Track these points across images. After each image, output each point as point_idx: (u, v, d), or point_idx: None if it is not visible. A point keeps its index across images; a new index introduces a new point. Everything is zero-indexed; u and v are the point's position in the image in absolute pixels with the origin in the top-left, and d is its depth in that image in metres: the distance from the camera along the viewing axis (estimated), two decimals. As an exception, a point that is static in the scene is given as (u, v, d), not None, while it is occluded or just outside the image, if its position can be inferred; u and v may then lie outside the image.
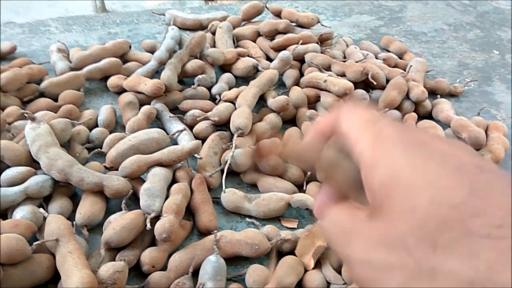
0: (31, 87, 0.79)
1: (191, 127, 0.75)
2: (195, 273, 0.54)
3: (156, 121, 0.78)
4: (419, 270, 0.18)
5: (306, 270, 0.57)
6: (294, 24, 1.01)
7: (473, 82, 1.03)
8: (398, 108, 0.84)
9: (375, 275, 0.20)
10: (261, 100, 0.82)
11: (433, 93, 0.93)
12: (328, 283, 0.56)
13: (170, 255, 0.57)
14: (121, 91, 0.82)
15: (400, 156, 0.21)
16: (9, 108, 0.72)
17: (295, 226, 0.64)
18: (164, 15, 1.11)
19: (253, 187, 0.70)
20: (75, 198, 0.63)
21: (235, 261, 0.59)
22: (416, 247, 0.19)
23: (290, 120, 0.81)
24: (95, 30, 1.07)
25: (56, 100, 0.78)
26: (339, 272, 0.56)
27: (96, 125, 0.75)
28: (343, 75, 0.86)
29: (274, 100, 0.78)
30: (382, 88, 0.86)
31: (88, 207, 0.59)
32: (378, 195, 0.21)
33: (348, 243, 0.22)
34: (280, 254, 0.58)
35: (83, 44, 1.00)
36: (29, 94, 0.78)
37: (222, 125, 0.77)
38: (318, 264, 0.58)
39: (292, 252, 0.58)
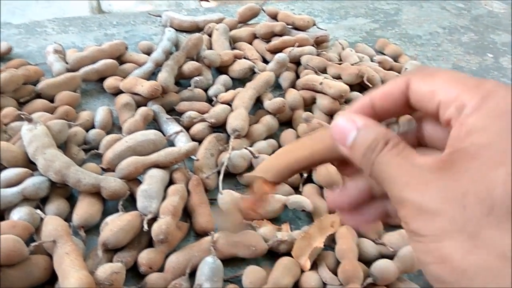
0: (27, 88, 0.79)
1: (187, 128, 0.76)
2: (192, 274, 0.55)
3: (153, 122, 0.79)
4: (463, 226, 0.20)
5: (302, 271, 0.57)
6: (290, 26, 1.02)
7: (467, 85, 1.04)
8: (393, 110, 0.84)
9: (422, 217, 0.22)
10: (258, 102, 0.83)
11: (427, 95, 0.94)
12: (324, 284, 0.56)
13: (167, 256, 0.57)
14: (117, 92, 0.82)
15: (504, 126, 0.22)
16: (5, 109, 0.71)
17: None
18: (160, 16, 1.11)
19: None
20: (72, 200, 0.63)
21: (232, 262, 0.59)
22: (472, 207, 0.20)
23: (286, 122, 0.82)
24: (91, 31, 1.07)
25: (52, 101, 0.77)
26: (335, 273, 0.56)
27: (93, 127, 0.75)
28: (338, 77, 0.87)
29: (271, 102, 0.79)
30: (378, 90, 0.86)
31: (85, 209, 0.59)
32: (462, 153, 0.22)
33: (407, 185, 0.24)
34: (277, 255, 0.59)
35: (80, 45, 1.00)
36: (25, 95, 0.77)
37: (219, 127, 0.77)
38: (314, 265, 0.58)
39: (288, 253, 0.58)
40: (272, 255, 0.59)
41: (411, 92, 0.27)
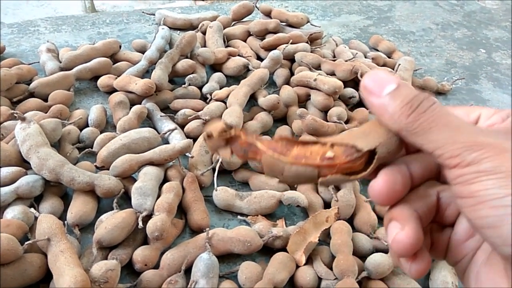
0: (20, 87, 0.78)
1: (182, 126, 0.76)
2: (188, 271, 0.55)
3: (147, 120, 0.78)
4: None
5: (297, 266, 0.57)
6: (284, 23, 1.02)
7: (461, 80, 1.05)
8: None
9: (504, 154, 0.22)
10: (252, 99, 0.83)
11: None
12: (320, 279, 0.57)
13: (162, 253, 0.57)
14: (111, 90, 0.82)
15: None
16: (-2, 109, 0.71)
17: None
18: (154, 15, 1.11)
19: (245, 185, 0.70)
20: (66, 198, 0.63)
21: (228, 258, 0.59)
22: None
23: (280, 119, 0.82)
24: (84, 30, 1.07)
25: (46, 100, 0.77)
26: (331, 268, 0.57)
27: (87, 125, 0.75)
28: (332, 74, 0.87)
29: (265, 99, 0.79)
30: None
31: (79, 207, 0.59)
32: None
33: (479, 133, 0.23)
34: (272, 250, 0.59)
35: (73, 44, 1.00)
36: (18, 95, 0.77)
37: (213, 124, 0.77)
38: (309, 260, 0.58)
39: (284, 249, 0.59)
40: (267, 250, 0.60)
41: None
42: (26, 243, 0.51)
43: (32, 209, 0.57)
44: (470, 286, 0.27)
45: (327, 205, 0.66)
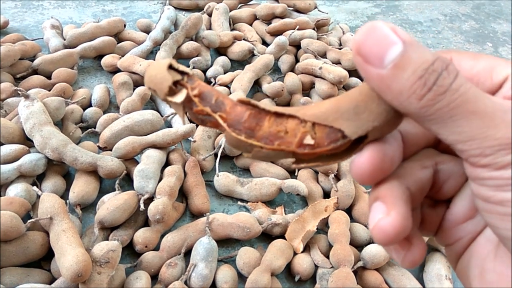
0: (24, 63, 0.78)
1: (185, 109, 0.75)
2: (187, 254, 0.56)
3: (150, 102, 0.78)
4: None
5: (295, 254, 0.58)
6: (291, 8, 1.01)
7: (466, 73, 1.04)
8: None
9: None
10: (256, 85, 0.83)
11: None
12: (316, 267, 0.58)
13: (162, 236, 0.58)
14: (115, 70, 0.82)
15: None
16: (2, 85, 0.71)
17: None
18: (160, -6, 1.09)
19: (246, 171, 0.70)
20: (68, 177, 0.64)
21: (226, 243, 0.60)
22: None
23: (284, 106, 0.81)
24: (89, 6, 1.05)
25: (49, 77, 0.77)
26: (327, 256, 0.58)
27: (90, 105, 0.75)
28: (338, 62, 0.87)
29: (269, 85, 0.78)
30: (376, 77, 0.86)
31: (81, 187, 0.59)
32: None
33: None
34: (271, 237, 0.60)
35: (77, 21, 0.99)
36: (22, 71, 0.77)
37: (217, 109, 0.77)
38: (307, 248, 0.59)
39: (282, 236, 0.59)
40: (266, 237, 0.60)
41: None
42: (28, 221, 0.51)
43: (34, 187, 0.57)
44: (469, 282, 0.23)
45: (326, 194, 0.67)
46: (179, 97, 0.21)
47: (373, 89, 0.20)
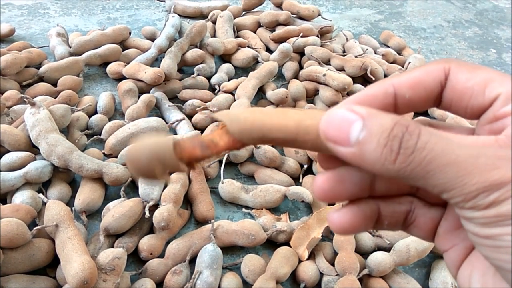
0: (30, 71, 0.79)
1: (190, 116, 0.76)
2: (192, 261, 0.56)
3: (155, 109, 0.79)
4: None
5: (300, 261, 0.58)
6: (295, 16, 1.01)
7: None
8: (395, 104, 0.85)
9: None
10: (260, 92, 0.83)
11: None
12: (321, 274, 0.57)
13: (167, 243, 0.58)
14: (120, 78, 0.82)
15: None
16: (8, 92, 0.72)
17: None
18: (164, 1, 1.10)
19: (251, 178, 0.70)
20: (73, 184, 0.64)
21: (231, 250, 0.60)
22: None
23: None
24: (94, 14, 1.06)
25: (55, 85, 0.77)
26: (332, 264, 0.57)
27: (95, 112, 0.75)
28: (342, 69, 0.87)
29: (274, 92, 0.79)
30: (380, 83, 0.86)
31: (87, 194, 0.60)
32: None
33: (495, 164, 0.19)
34: (276, 244, 0.60)
35: (83, 28, 1.00)
36: (28, 78, 0.77)
37: (221, 116, 0.77)
38: (312, 255, 0.59)
39: (287, 243, 0.59)
40: (271, 244, 0.60)
41: (452, 82, 0.23)
42: (34, 228, 0.51)
43: (40, 195, 0.58)
44: None
45: (331, 201, 0.67)
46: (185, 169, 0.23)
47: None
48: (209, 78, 0.85)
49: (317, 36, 0.95)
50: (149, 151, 0.21)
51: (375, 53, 0.99)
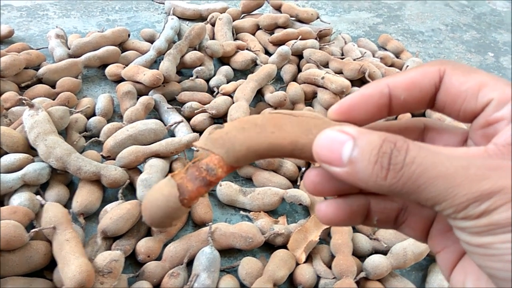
0: (28, 72, 0.79)
1: (188, 118, 0.76)
2: (190, 264, 0.56)
3: (154, 111, 0.79)
4: None
5: (297, 264, 0.58)
6: (293, 18, 1.01)
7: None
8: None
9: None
10: (259, 94, 0.83)
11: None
12: (319, 277, 0.58)
13: (165, 246, 0.58)
14: (119, 80, 0.82)
15: None
16: (6, 94, 0.71)
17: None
18: (163, 3, 1.10)
19: (249, 181, 0.71)
20: (71, 186, 0.64)
21: (229, 253, 0.60)
22: None
23: (286, 115, 0.82)
24: (93, 16, 1.06)
25: (53, 86, 0.77)
26: (330, 267, 0.58)
27: (94, 114, 0.75)
28: (340, 72, 0.87)
29: (272, 95, 0.79)
30: (378, 87, 0.87)
31: (85, 196, 0.60)
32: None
33: (478, 176, 0.20)
34: (273, 247, 0.60)
35: (82, 30, 1.00)
36: (26, 80, 0.77)
37: (220, 118, 0.77)
38: (309, 258, 0.59)
39: (284, 246, 0.59)
40: (268, 247, 0.60)
41: (446, 85, 0.23)
42: (32, 230, 0.51)
43: (38, 197, 0.58)
44: None
45: (329, 204, 0.67)
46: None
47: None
48: (207, 81, 0.85)
49: (316, 39, 0.96)
50: (162, 213, 0.23)
51: (374, 56, 1.00)
